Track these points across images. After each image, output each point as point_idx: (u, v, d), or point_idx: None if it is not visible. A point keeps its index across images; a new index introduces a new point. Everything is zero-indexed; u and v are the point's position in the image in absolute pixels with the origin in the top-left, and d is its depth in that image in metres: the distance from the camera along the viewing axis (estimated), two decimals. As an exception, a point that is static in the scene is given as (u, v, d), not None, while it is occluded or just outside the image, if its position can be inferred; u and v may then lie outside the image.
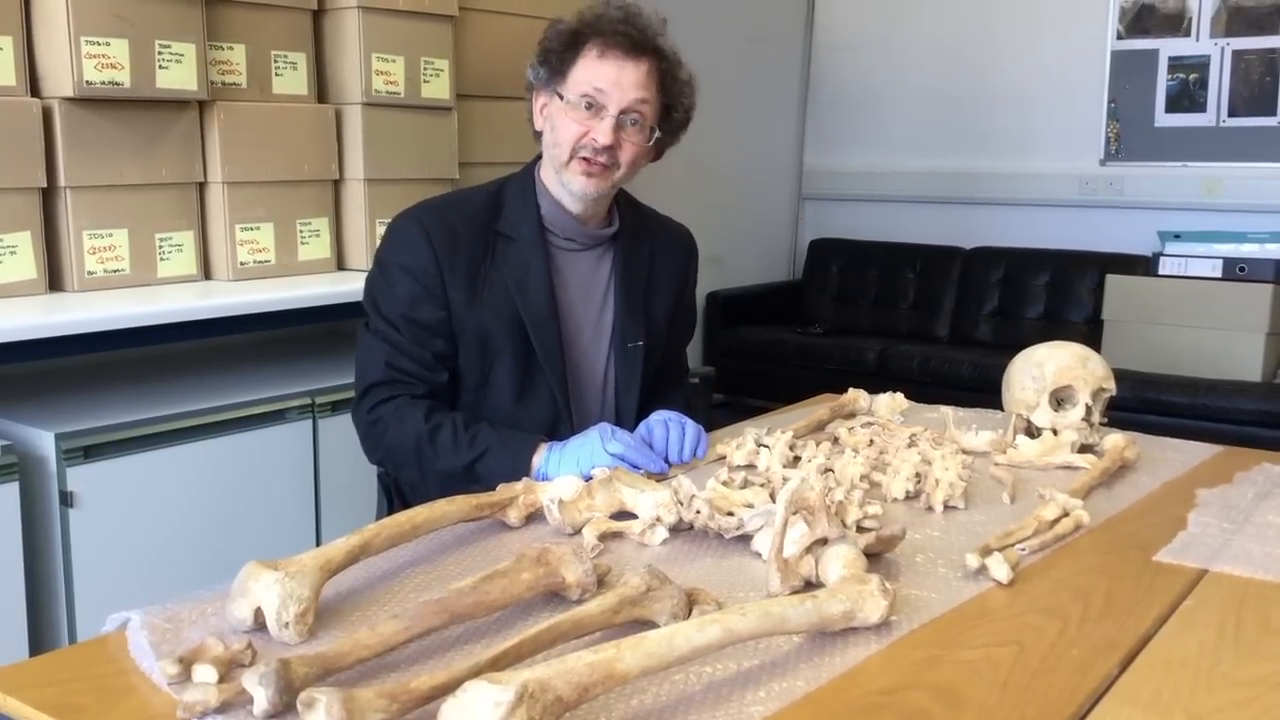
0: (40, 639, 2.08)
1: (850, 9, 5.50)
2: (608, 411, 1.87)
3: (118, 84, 2.34)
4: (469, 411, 1.77)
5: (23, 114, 2.26)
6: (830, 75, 5.60)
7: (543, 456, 1.65)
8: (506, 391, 1.77)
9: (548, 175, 1.79)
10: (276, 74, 2.71)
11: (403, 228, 1.76)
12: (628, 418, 1.86)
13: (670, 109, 1.77)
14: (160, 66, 2.41)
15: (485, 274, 1.74)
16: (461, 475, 1.65)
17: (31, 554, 2.05)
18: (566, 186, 1.75)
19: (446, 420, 1.69)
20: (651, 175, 5.25)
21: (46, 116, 2.30)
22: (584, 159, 1.71)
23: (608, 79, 1.69)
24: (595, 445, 1.62)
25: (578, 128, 1.71)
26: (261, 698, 0.92)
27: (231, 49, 2.61)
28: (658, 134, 1.76)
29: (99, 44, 2.30)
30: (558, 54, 1.73)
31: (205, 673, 0.99)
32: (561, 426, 1.78)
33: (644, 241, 1.90)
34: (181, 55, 2.44)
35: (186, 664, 1.01)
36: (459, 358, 1.76)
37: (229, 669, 1.01)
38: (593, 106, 1.70)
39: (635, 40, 1.69)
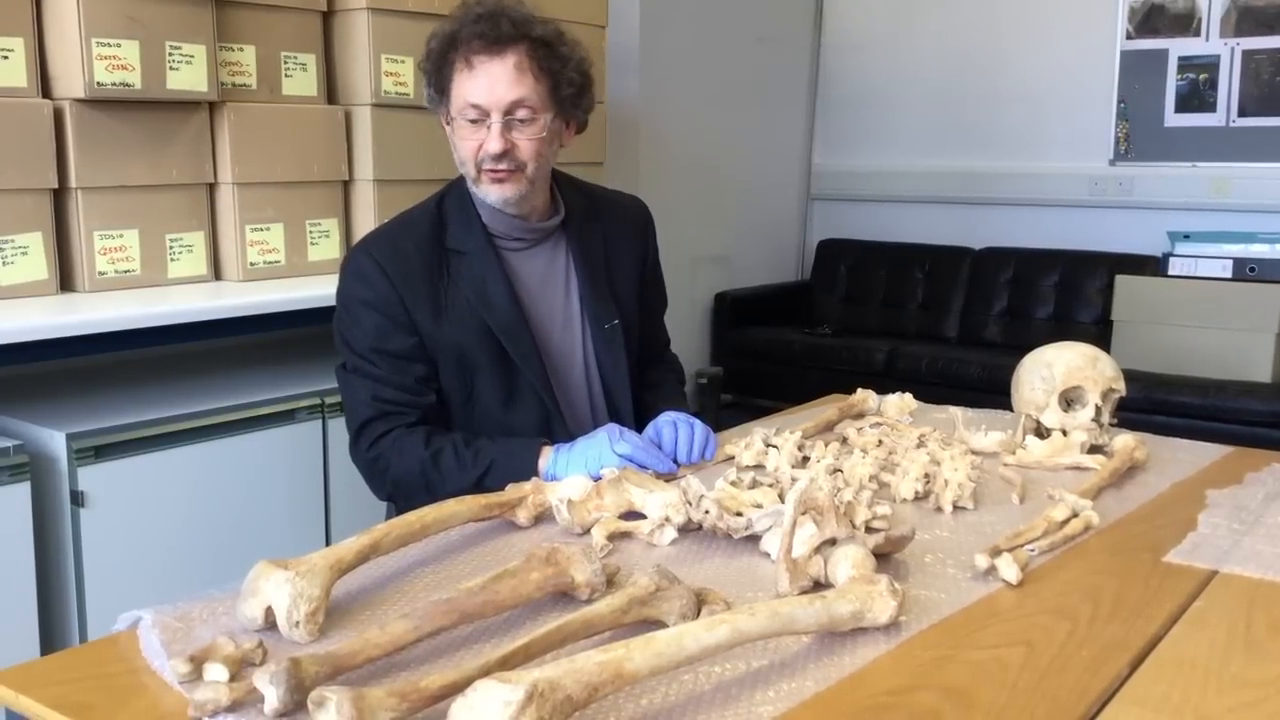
0: (51, 638, 2.09)
1: (859, 9, 5.49)
2: (597, 397, 1.86)
3: (128, 85, 2.35)
4: (460, 427, 1.76)
5: (34, 115, 2.27)
6: (839, 75, 5.60)
7: (549, 459, 1.65)
8: (493, 402, 1.76)
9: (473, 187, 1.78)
10: (286, 75, 2.72)
11: (355, 263, 1.76)
12: (621, 400, 1.86)
13: (556, 88, 1.71)
14: (171, 68, 2.42)
15: (445, 292, 1.74)
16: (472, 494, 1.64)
17: (42, 553, 2.06)
18: (485, 198, 1.74)
19: (447, 443, 1.69)
20: (658, 176, 5.24)
21: (57, 117, 2.31)
22: (488, 170, 1.70)
23: (479, 89, 1.66)
24: (603, 446, 1.62)
25: (471, 143, 1.70)
26: (272, 696, 0.93)
27: (241, 50, 2.62)
28: (550, 119, 1.71)
29: (110, 45, 2.31)
30: (435, 73, 1.72)
31: (216, 671, 1.00)
32: (554, 425, 1.77)
33: (595, 222, 1.89)
34: (192, 56, 2.45)
35: (198, 663, 1.01)
36: (440, 378, 1.76)
37: (240, 668, 1.02)
38: (477, 120, 1.68)
39: (493, 38, 1.66)
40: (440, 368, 1.75)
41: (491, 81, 1.66)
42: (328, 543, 2.43)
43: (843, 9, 5.55)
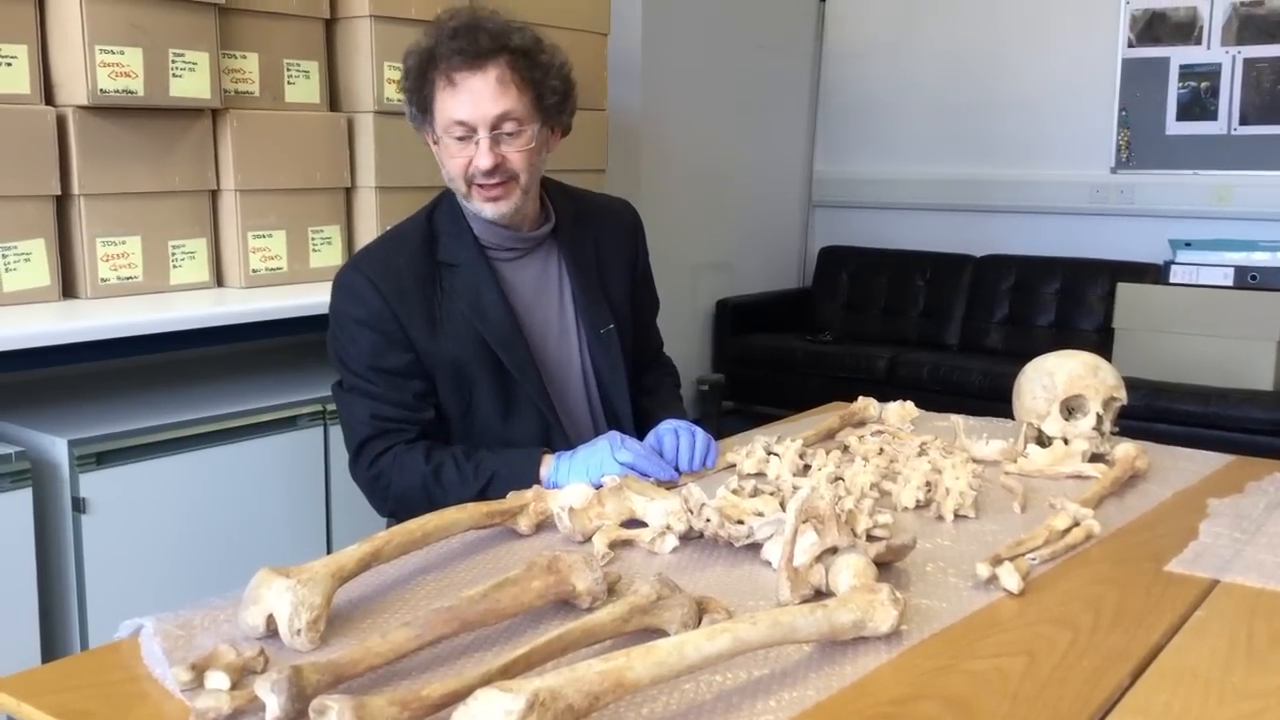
0: (52, 645, 2.09)
1: (860, 17, 5.50)
2: (596, 403, 1.86)
3: (131, 92, 2.36)
4: (460, 441, 1.76)
5: (37, 122, 2.27)
6: (840, 83, 5.61)
7: (551, 467, 1.65)
8: (492, 414, 1.76)
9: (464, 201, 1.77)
10: (289, 82, 2.72)
11: (348, 282, 1.75)
12: (620, 404, 1.86)
13: (540, 97, 1.71)
14: (174, 75, 2.42)
15: (440, 306, 1.73)
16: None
17: (44, 560, 2.06)
18: (479, 214, 1.74)
19: (447, 457, 1.69)
20: (660, 183, 5.23)
21: (61, 124, 2.31)
22: (479, 186, 1.70)
23: (464, 106, 1.66)
24: (605, 454, 1.62)
25: (460, 160, 1.69)
26: (273, 705, 0.93)
27: (244, 57, 2.62)
28: (537, 129, 1.71)
29: (113, 53, 2.31)
30: (416, 92, 1.71)
31: (218, 679, 1.00)
32: (553, 434, 1.77)
33: (586, 228, 1.89)
34: (195, 64, 2.46)
35: (199, 671, 1.02)
36: (438, 393, 1.75)
37: (241, 676, 1.02)
38: (464, 137, 1.67)
39: (473, 53, 1.65)
40: (438, 382, 1.75)
41: (475, 98, 1.65)
42: (329, 550, 2.43)
43: (844, 17, 5.56)
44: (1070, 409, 1.80)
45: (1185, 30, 4.68)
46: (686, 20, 4.77)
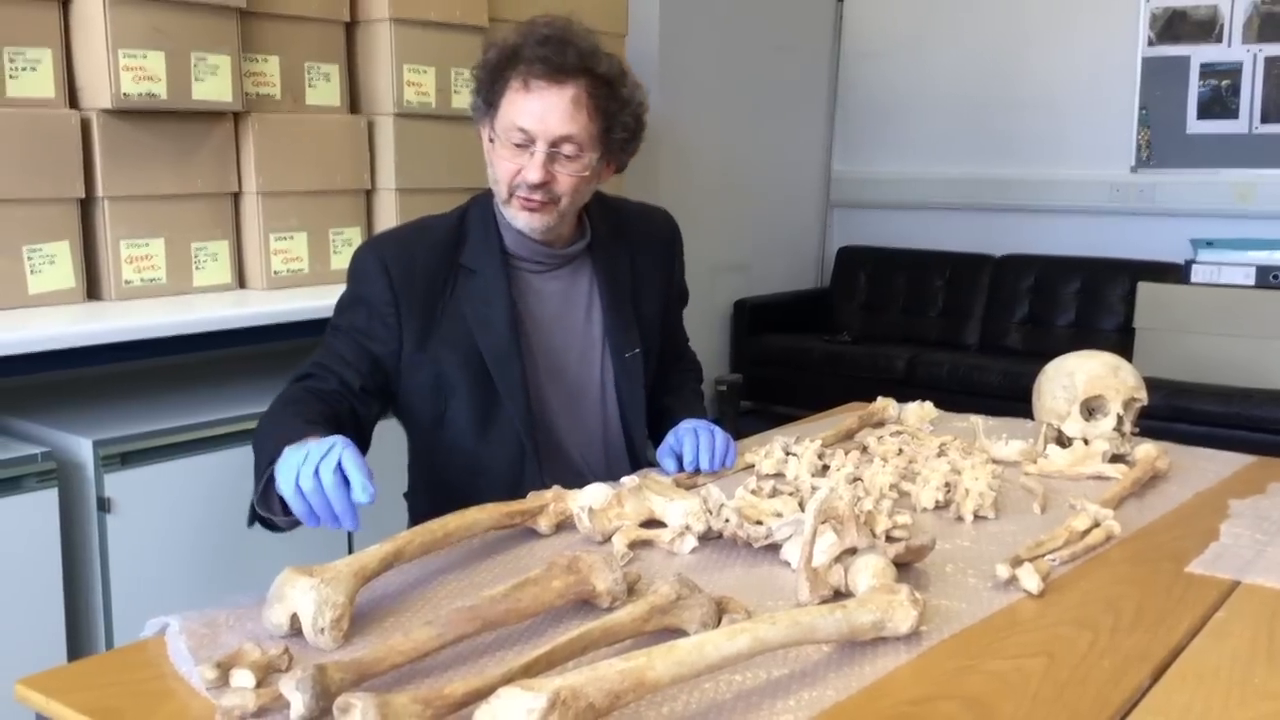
0: (78, 644, 2.11)
1: (879, 15, 5.49)
2: (613, 422, 1.83)
3: (154, 95, 2.38)
4: (425, 453, 1.75)
5: (61, 125, 2.30)
6: (859, 82, 5.59)
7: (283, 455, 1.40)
8: (465, 431, 1.71)
9: (500, 206, 1.73)
10: (310, 85, 2.74)
11: (363, 258, 1.73)
12: (636, 427, 1.83)
13: (608, 130, 1.66)
14: (196, 78, 2.44)
15: (443, 307, 1.69)
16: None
17: (70, 560, 2.08)
18: (512, 222, 1.70)
19: (303, 392, 1.58)
20: (678, 184, 5.23)
21: (85, 128, 2.34)
22: (522, 197, 1.65)
23: (532, 114, 1.60)
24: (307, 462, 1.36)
25: (511, 165, 1.64)
26: (298, 702, 0.94)
27: (266, 61, 2.64)
28: (595, 159, 1.66)
29: (136, 56, 2.34)
30: (487, 85, 1.67)
31: (243, 677, 1.01)
32: (527, 463, 1.72)
33: (622, 245, 1.84)
34: (217, 67, 2.48)
35: (224, 669, 1.03)
36: (408, 396, 1.71)
37: (266, 674, 1.03)
38: (521, 144, 1.63)
39: (557, 65, 1.60)
40: (414, 386, 1.70)
41: (545, 110, 1.61)
42: (351, 550, 2.44)
43: (863, 16, 5.55)
44: (1090, 409, 1.80)
45: (1206, 28, 4.65)
46: (704, 21, 4.78)
